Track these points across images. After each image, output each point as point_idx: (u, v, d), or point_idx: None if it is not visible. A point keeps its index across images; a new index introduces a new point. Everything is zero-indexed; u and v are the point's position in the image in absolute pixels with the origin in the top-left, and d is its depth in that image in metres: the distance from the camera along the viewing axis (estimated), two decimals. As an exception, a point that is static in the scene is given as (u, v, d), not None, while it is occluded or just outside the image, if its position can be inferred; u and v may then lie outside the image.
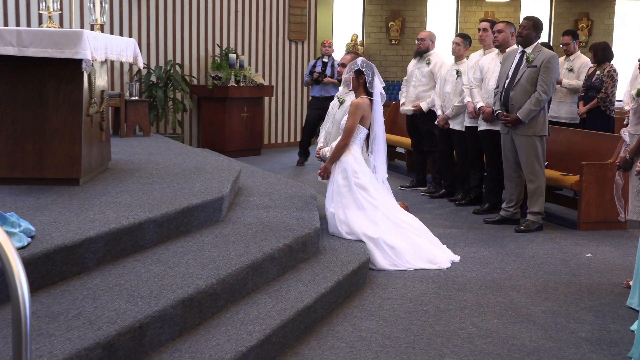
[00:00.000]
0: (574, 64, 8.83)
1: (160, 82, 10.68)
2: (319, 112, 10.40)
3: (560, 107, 8.79)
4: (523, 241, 6.26)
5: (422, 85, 8.41)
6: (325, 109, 10.61)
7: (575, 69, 8.79)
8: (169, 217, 4.25)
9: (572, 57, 8.88)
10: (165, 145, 8.09)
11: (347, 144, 5.47)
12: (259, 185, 6.41)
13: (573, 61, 8.86)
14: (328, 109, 6.19)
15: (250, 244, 4.27)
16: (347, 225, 5.32)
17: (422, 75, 8.42)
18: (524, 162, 6.57)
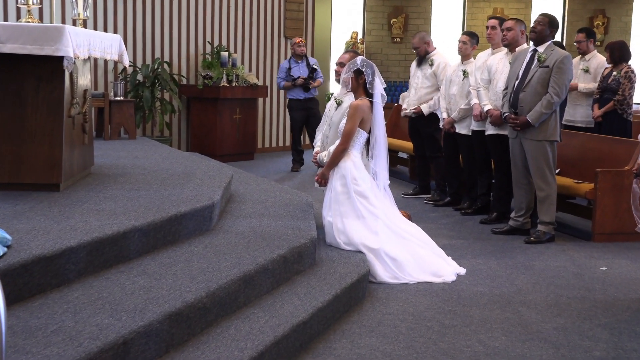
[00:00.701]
0: (589, 64, 8.77)
1: (147, 81, 10.68)
2: (303, 112, 10.57)
3: (576, 111, 8.78)
4: (533, 253, 6.26)
5: (425, 88, 8.41)
6: (309, 110, 10.74)
7: (592, 69, 8.72)
8: (155, 225, 4.24)
9: (587, 56, 8.83)
10: (152, 148, 8.08)
11: (346, 149, 5.47)
12: (252, 192, 6.40)
13: (589, 61, 8.80)
14: (312, 109, 6.20)
15: (242, 255, 4.26)
16: (346, 235, 5.32)
17: (425, 77, 8.43)
18: (533, 168, 6.58)
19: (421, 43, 8.46)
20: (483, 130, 7.47)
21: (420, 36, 8.57)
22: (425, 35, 8.59)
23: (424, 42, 8.45)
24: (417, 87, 8.49)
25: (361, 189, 5.40)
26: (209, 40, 11.99)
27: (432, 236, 5.79)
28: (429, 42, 8.48)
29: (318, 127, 6.34)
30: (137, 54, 11.13)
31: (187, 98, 11.75)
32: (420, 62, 8.52)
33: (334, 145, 5.61)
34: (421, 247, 5.45)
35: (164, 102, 10.89)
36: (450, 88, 8.05)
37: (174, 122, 11.68)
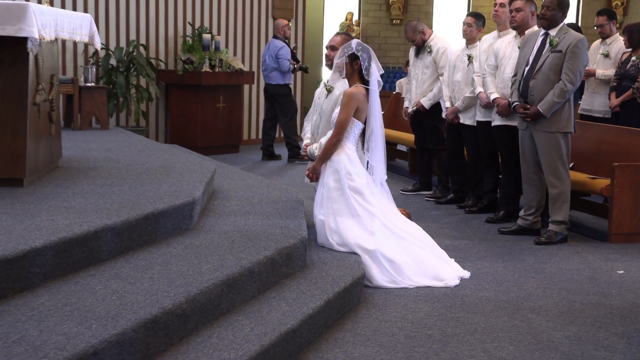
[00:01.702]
0: (610, 48, 8.72)
1: (121, 66, 10.65)
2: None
3: (594, 99, 8.77)
4: (544, 255, 6.27)
5: (427, 79, 8.39)
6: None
7: (613, 54, 8.66)
8: (130, 224, 4.23)
9: (608, 40, 8.78)
10: (127, 140, 8.06)
11: (340, 141, 5.47)
12: (236, 188, 6.40)
13: (610, 45, 8.73)
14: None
15: (225, 257, 4.25)
16: (339, 235, 5.32)
17: (425, 66, 8.41)
18: (545, 163, 6.59)
19: (415, 34, 8.43)
20: (489, 121, 7.47)
21: (411, 27, 8.53)
22: (417, 23, 8.56)
23: (418, 32, 8.42)
24: (418, 80, 8.47)
25: (356, 185, 5.40)
26: (190, 21, 11.97)
27: (433, 236, 5.79)
28: (423, 30, 8.45)
29: (306, 117, 6.34)
30: (110, 35, 11.10)
31: (165, 85, 11.73)
32: (419, 52, 8.51)
33: (325, 136, 5.60)
34: (421, 248, 5.45)
35: (140, 89, 10.87)
36: (454, 74, 8.05)
37: (151, 111, 11.66)
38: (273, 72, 11.04)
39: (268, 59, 11.08)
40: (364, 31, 17.54)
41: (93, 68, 9.37)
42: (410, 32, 8.51)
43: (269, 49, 11.20)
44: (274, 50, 11.01)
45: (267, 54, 11.13)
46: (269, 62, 11.06)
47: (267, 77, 11.15)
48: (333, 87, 5.95)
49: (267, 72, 11.13)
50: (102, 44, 10.56)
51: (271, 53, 11.07)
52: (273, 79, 11.00)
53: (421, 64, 8.45)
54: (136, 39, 11.27)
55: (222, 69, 11.59)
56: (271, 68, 11.05)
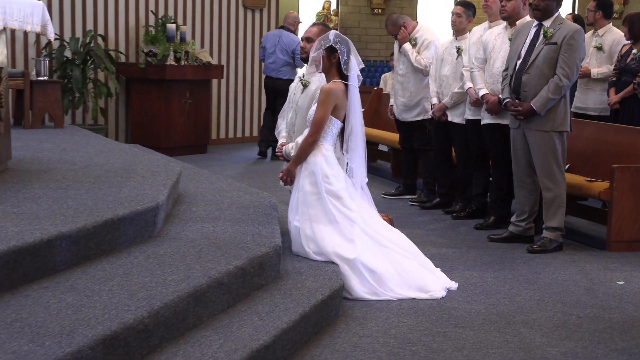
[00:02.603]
0: (603, 40, 8.77)
1: (77, 58, 10.60)
2: None
3: (588, 96, 8.82)
4: (538, 264, 6.31)
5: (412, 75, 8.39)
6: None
7: (606, 47, 8.72)
8: (87, 232, 4.21)
9: (600, 31, 8.84)
10: (84, 139, 8.02)
11: (316, 140, 5.47)
12: (204, 192, 6.39)
13: (602, 37, 8.80)
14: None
15: (192, 267, 4.25)
16: (316, 243, 5.32)
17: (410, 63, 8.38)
18: (539, 164, 6.63)
19: (396, 28, 8.43)
20: (479, 119, 7.51)
21: (391, 20, 8.51)
22: (398, 16, 8.55)
23: (399, 26, 8.42)
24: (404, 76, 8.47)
25: (334, 189, 5.40)
26: (153, 10, 11.94)
27: (418, 244, 5.81)
28: (405, 24, 8.45)
29: (280, 114, 6.34)
30: (65, 24, 11.05)
31: (126, 79, 11.68)
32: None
33: (301, 136, 5.61)
34: (405, 257, 5.47)
35: (98, 84, 10.82)
36: (442, 68, 8.07)
37: (110, 107, 11.62)
38: (285, 67, 11.11)
39: (280, 52, 11.11)
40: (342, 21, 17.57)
41: (46, 60, 9.32)
42: (390, 26, 8.50)
43: (279, 41, 11.22)
44: (289, 45, 11.10)
45: (278, 46, 11.16)
46: (279, 55, 11.11)
47: (274, 70, 11.18)
48: (309, 82, 5.95)
49: (275, 65, 11.17)
50: (56, 34, 10.50)
51: (284, 46, 11.11)
52: (284, 74, 11.02)
53: (405, 59, 8.45)
54: (94, 28, 11.22)
55: (189, 62, 11.57)
56: (283, 62, 11.12)
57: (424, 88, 8.40)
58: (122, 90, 11.62)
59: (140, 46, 11.74)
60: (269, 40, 11.45)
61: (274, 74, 11.24)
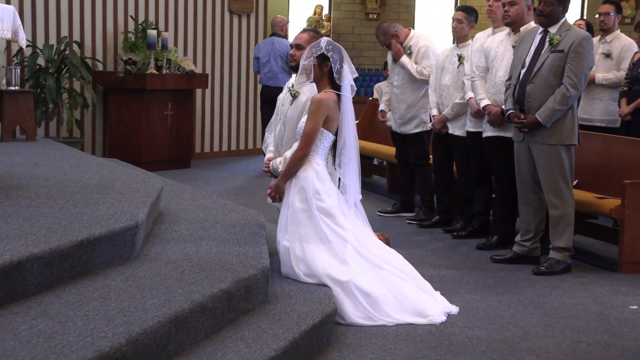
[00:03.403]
0: (611, 47, 8.81)
1: (51, 66, 10.60)
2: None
3: (594, 106, 8.83)
4: (544, 287, 6.31)
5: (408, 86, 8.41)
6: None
7: (615, 54, 8.75)
8: (61, 253, 4.20)
9: (608, 37, 8.86)
10: (58, 153, 8.01)
11: (307, 154, 5.47)
12: (187, 210, 6.38)
13: (610, 43, 8.84)
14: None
15: (173, 290, 4.24)
16: (306, 264, 5.32)
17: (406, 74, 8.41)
18: (545, 180, 6.64)
19: (388, 38, 8.44)
20: (480, 131, 7.52)
21: (382, 30, 8.50)
22: (389, 25, 8.52)
23: (391, 36, 8.43)
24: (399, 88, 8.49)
25: (326, 206, 5.40)
26: (132, 15, 11.95)
27: (415, 265, 5.81)
28: (397, 32, 8.47)
29: (268, 126, 6.34)
30: (38, 30, 11.05)
31: (103, 88, 11.68)
32: None
33: (291, 149, 5.61)
34: (402, 279, 5.46)
35: (74, 94, 10.81)
36: (442, 77, 8.09)
37: (87, 119, 11.60)
38: (282, 74, 11.17)
39: (274, 59, 11.15)
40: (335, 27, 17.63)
41: (17, 69, 9.32)
42: (381, 36, 8.50)
43: (272, 48, 11.26)
44: (283, 51, 11.16)
45: (271, 54, 11.21)
46: (274, 63, 11.13)
47: (272, 79, 11.24)
48: (299, 93, 5.96)
49: (271, 73, 11.22)
50: (28, 41, 10.49)
51: (278, 53, 11.16)
52: (282, 82, 11.04)
53: (400, 69, 8.47)
54: (69, 35, 11.23)
55: (171, 70, 11.57)
56: (279, 69, 11.14)
57: (421, 99, 8.41)
58: (99, 100, 11.60)
59: (118, 54, 11.74)
60: (261, 50, 11.49)
61: (272, 83, 11.26)
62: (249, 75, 13.54)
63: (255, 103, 13.66)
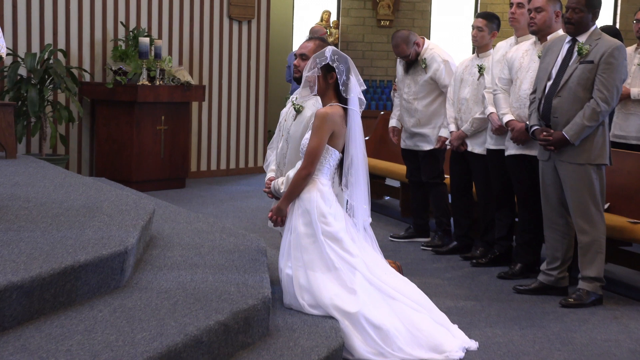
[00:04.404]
0: (649, 56, 8.83)
1: (34, 76, 10.62)
2: None
3: (629, 122, 8.79)
4: (573, 321, 6.29)
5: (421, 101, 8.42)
6: None
7: None
8: (42, 281, 4.20)
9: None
10: (40, 171, 8.02)
11: (311, 174, 5.47)
12: (181, 234, 6.38)
13: (648, 53, 8.85)
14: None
15: (166, 322, 4.23)
16: (311, 293, 5.31)
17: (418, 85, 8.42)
18: (573, 202, 6.62)
19: (409, 47, 8.41)
20: (501, 149, 7.52)
21: (402, 38, 8.45)
22: (410, 34, 8.46)
23: (412, 44, 8.43)
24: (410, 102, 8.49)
25: (332, 230, 5.40)
26: (122, 21, 11.98)
27: (431, 295, 5.80)
28: (417, 41, 8.46)
29: (270, 144, 6.34)
30: (19, 38, 11.08)
31: (90, 101, 11.70)
32: (410, 67, 8.55)
33: (294, 168, 5.61)
34: (416, 311, 5.45)
35: (58, 107, 10.82)
36: (461, 90, 8.09)
37: (72, 134, 11.62)
38: None
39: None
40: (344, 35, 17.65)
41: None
42: (402, 45, 8.40)
43: None
44: None
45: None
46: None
47: None
48: (303, 107, 5.96)
49: None
50: (9, 49, 10.54)
51: None
52: None
53: (412, 82, 8.48)
54: (53, 42, 11.26)
55: (164, 81, 11.59)
56: None
57: (434, 112, 8.42)
58: (85, 114, 11.63)
59: (107, 63, 11.77)
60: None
61: None
62: (250, 87, 13.56)
63: (256, 117, 13.68)
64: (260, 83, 13.74)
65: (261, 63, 13.74)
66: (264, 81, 13.80)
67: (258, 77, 13.69)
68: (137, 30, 11.81)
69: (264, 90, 13.80)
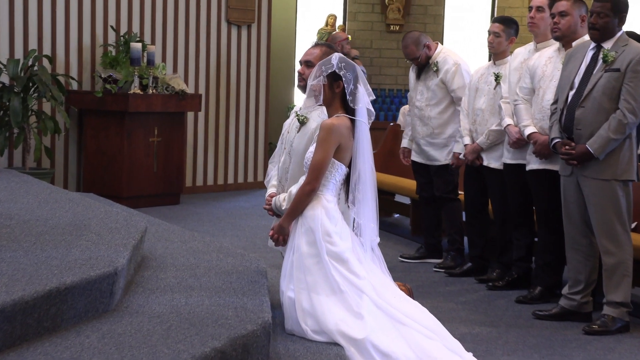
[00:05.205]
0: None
1: (17, 84, 10.63)
2: None
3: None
4: (597, 349, 6.28)
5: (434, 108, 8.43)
6: None
7: None
8: (25, 305, 4.20)
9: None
10: (24, 187, 8.02)
11: (315, 189, 5.47)
12: (175, 254, 6.38)
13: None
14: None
15: (158, 349, 4.23)
16: (315, 318, 5.30)
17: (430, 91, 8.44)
18: (597, 221, 6.61)
19: (419, 49, 8.47)
20: (520, 163, 7.52)
21: (413, 39, 8.53)
22: (421, 35, 8.54)
23: (423, 46, 8.45)
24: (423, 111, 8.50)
25: (337, 250, 5.39)
26: (113, 25, 12.00)
27: (443, 321, 5.78)
28: (429, 44, 8.50)
29: (272, 158, 6.34)
30: (1, 43, 11.10)
31: (78, 111, 11.70)
32: (421, 72, 8.56)
33: (297, 184, 5.61)
34: (428, 337, 5.43)
35: (43, 117, 10.83)
36: (476, 100, 8.09)
37: (58, 146, 11.63)
38: None
39: None
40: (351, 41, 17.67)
41: (-22, 88, 9.37)
42: (412, 46, 8.49)
43: None
44: None
45: None
46: None
47: None
48: (307, 119, 5.95)
49: None
50: (-8, 55, 10.57)
51: None
52: None
53: (424, 87, 8.49)
54: (38, 48, 11.27)
55: (158, 90, 11.60)
56: None
57: (448, 120, 8.43)
58: (72, 125, 11.63)
59: (96, 70, 11.78)
60: None
61: None
62: (250, 96, 13.56)
63: (256, 129, 13.67)
64: (261, 92, 13.74)
65: (262, 70, 13.75)
66: (264, 90, 13.80)
67: (258, 85, 13.70)
68: (128, 35, 11.82)
69: (264, 99, 13.80)
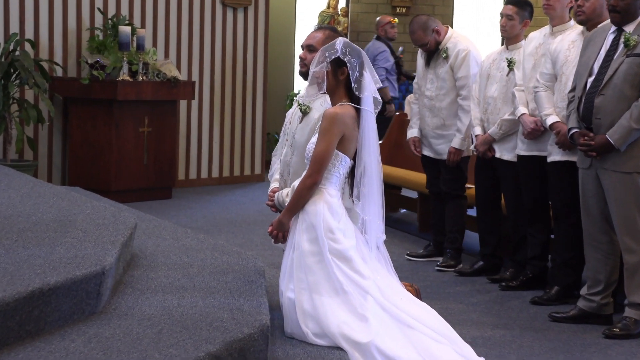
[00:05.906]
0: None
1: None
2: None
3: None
4: (618, 354, 6.28)
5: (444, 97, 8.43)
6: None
7: None
8: (6, 307, 4.19)
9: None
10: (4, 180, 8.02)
11: (317, 183, 5.46)
12: (167, 252, 6.38)
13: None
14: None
15: (148, 354, 4.23)
16: (316, 321, 5.30)
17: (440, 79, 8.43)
18: (618, 217, 6.61)
19: (427, 35, 8.45)
20: (536, 155, 7.52)
21: (420, 24, 8.53)
22: (429, 20, 8.54)
23: (431, 32, 8.45)
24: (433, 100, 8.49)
25: (341, 247, 5.39)
26: (100, 8, 11.99)
27: (453, 323, 5.78)
28: (438, 28, 8.49)
29: (274, 151, 6.33)
30: (-16, 27, 11.11)
31: (63, 99, 11.70)
32: (430, 59, 8.54)
33: (299, 178, 5.60)
34: (436, 341, 5.43)
35: (25, 105, 10.83)
36: (488, 88, 8.08)
37: (42, 137, 11.63)
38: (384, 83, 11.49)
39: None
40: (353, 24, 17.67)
41: (-43, 75, 9.37)
42: (419, 31, 8.48)
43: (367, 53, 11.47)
44: (372, 54, 11.69)
45: None
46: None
47: None
48: (310, 108, 5.93)
49: None
50: (-29, 40, 10.57)
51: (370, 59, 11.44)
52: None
53: (434, 76, 8.48)
54: (19, 32, 11.27)
55: (148, 77, 11.60)
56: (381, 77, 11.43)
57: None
58: (57, 114, 11.62)
59: (82, 55, 11.78)
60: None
61: None
62: (246, 83, 13.55)
63: (253, 118, 13.67)
64: (258, 79, 13.74)
65: (259, 56, 13.74)
66: (262, 77, 13.80)
67: (256, 72, 13.69)
68: (116, 18, 11.82)
69: (262, 87, 13.80)
